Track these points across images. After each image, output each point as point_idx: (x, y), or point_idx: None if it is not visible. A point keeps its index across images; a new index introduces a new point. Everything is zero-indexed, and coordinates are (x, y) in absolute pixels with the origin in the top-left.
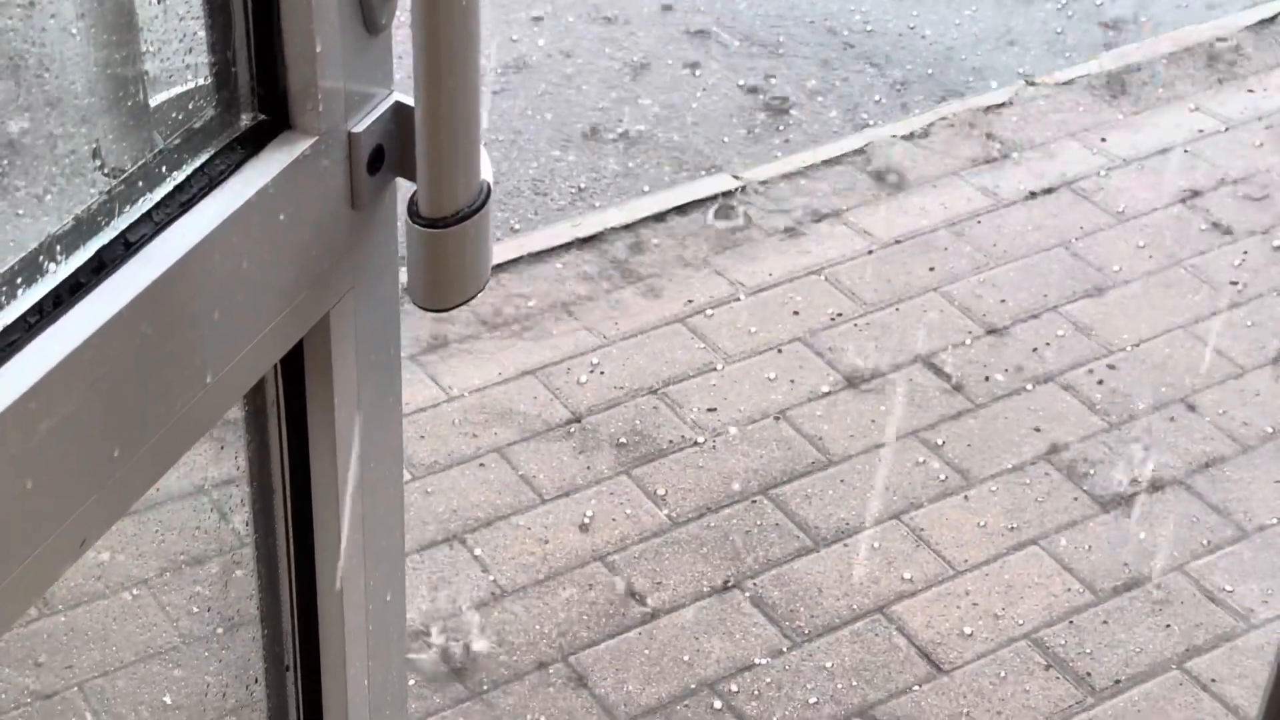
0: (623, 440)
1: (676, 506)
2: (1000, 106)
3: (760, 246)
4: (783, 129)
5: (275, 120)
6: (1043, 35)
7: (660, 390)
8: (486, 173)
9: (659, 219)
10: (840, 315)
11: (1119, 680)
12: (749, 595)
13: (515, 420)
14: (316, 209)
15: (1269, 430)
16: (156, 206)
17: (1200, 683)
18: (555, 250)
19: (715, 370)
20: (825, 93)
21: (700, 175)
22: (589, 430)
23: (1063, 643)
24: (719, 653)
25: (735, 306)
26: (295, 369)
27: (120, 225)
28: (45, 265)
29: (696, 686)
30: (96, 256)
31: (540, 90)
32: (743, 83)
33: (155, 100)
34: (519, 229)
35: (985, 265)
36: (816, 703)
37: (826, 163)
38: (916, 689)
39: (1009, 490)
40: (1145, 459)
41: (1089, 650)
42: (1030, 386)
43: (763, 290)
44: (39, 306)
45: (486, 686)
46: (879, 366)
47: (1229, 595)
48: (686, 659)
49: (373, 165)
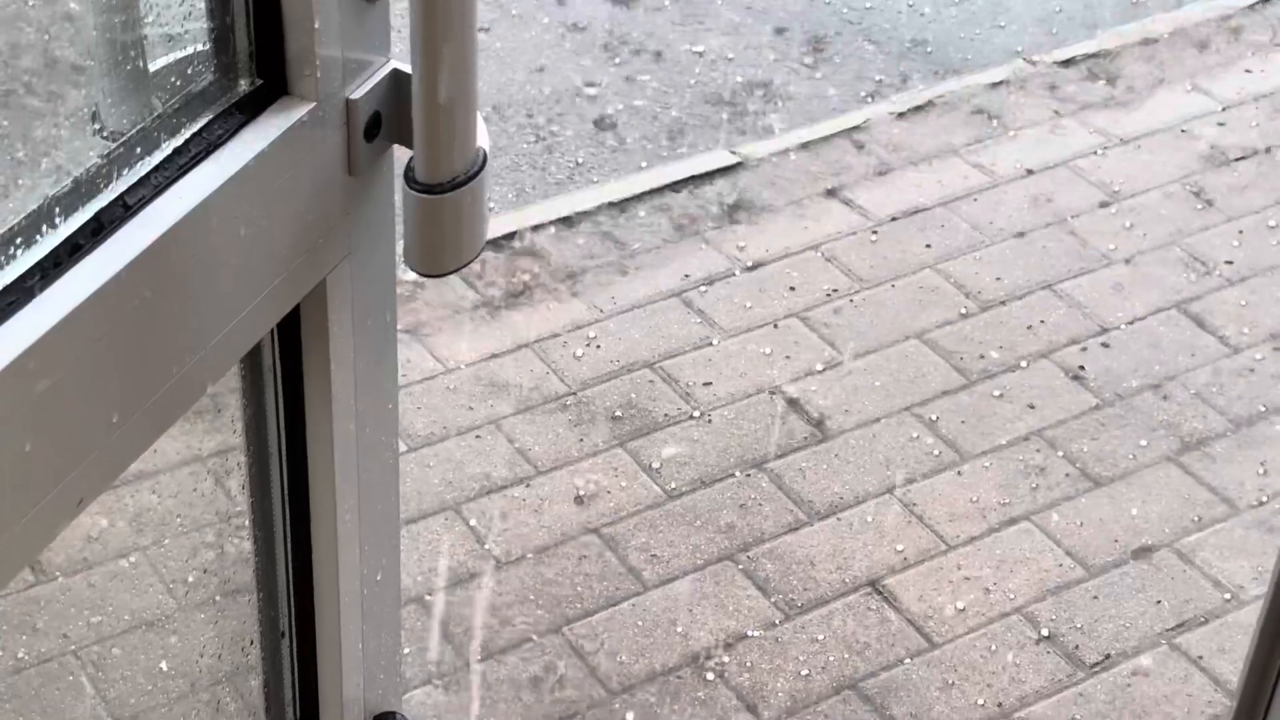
0: (618, 413)
1: (671, 479)
2: (998, 85)
3: (757, 222)
4: (781, 105)
5: (273, 86)
6: (1041, 14)
7: (656, 364)
8: (483, 140)
9: (656, 194)
10: (836, 291)
11: (1109, 655)
12: (742, 568)
13: (511, 393)
14: (313, 175)
15: (1261, 409)
16: (155, 170)
17: (1189, 657)
18: (552, 224)
19: (711, 345)
20: (823, 69)
21: (699, 151)
22: (584, 403)
23: (1053, 617)
24: (712, 624)
25: (731, 282)
26: (292, 334)
27: (119, 188)
28: (44, 227)
29: (689, 657)
30: (95, 219)
31: (539, 64)
32: (742, 59)
33: (154, 65)
34: (516, 202)
35: (981, 243)
36: (808, 674)
37: (824, 139)
38: (908, 662)
39: (1002, 466)
40: (1137, 437)
41: (1079, 625)
42: (1024, 363)
43: (759, 266)
44: (39, 267)
45: (481, 655)
46: (874, 342)
47: (1219, 572)
48: (680, 630)
49: (370, 132)
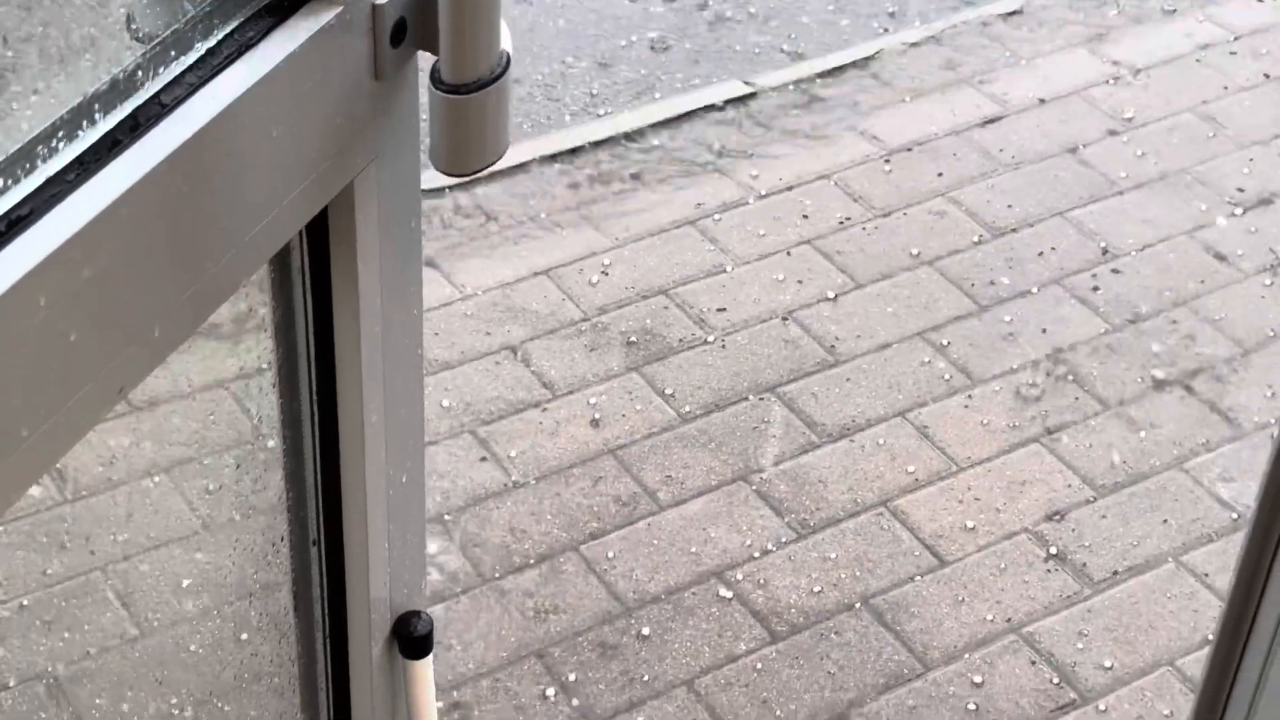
0: (633, 339)
1: (685, 403)
2: (1011, 14)
3: (771, 151)
4: (794, 37)
5: None
6: None
7: (670, 291)
8: (506, 43)
9: (670, 124)
10: (849, 219)
11: (1116, 572)
12: (755, 489)
13: (528, 319)
14: (340, 79)
15: (1269, 334)
16: (188, 70)
17: (1195, 575)
18: (568, 154)
19: (724, 272)
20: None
21: (712, 82)
22: (600, 329)
23: (1062, 537)
24: (726, 543)
25: (745, 210)
26: (320, 237)
27: (154, 87)
28: (84, 123)
29: (703, 575)
30: (133, 116)
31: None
32: None
33: None
34: (531, 132)
35: (993, 171)
36: (820, 591)
37: (838, 70)
38: (918, 579)
39: (1012, 389)
40: (1146, 360)
41: (1087, 544)
42: (1035, 289)
43: (772, 194)
44: (79, 161)
45: (498, 574)
46: (886, 269)
47: (1226, 492)
48: (694, 549)
49: (395, 38)
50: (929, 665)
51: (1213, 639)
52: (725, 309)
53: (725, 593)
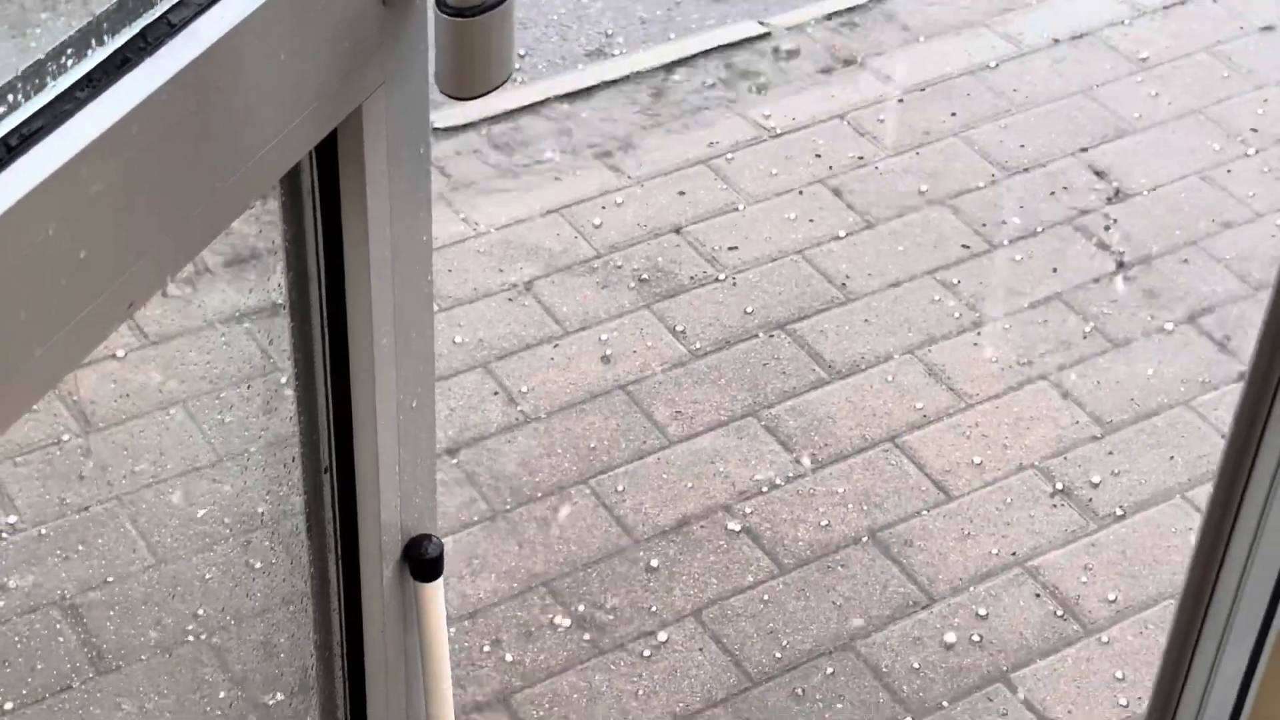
0: (645, 276)
1: (696, 339)
2: None
3: (784, 91)
4: None
5: None
6: None
7: (682, 229)
8: None
9: (684, 63)
10: (862, 159)
11: (1121, 508)
12: (765, 424)
13: (540, 256)
14: (348, 2)
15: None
16: None
17: (1201, 511)
18: (581, 93)
19: (736, 210)
20: None
21: (726, 22)
22: (612, 266)
23: (1068, 473)
24: (735, 476)
25: (758, 149)
26: (330, 161)
27: (163, 7)
28: (93, 41)
29: (712, 508)
30: (141, 34)
31: None
32: None
33: None
34: (545, 72)
35: (1007, 111)
36: (828, 524)
37: (852, 9)
38: (925, 513)
39: (1021, 328)
40: (1156, 299)
41: (1094, 480)
42: (1046, 228)
43: (785, 134)
44: (88, 78)
45: (509, 505)
46: (898, 208)
47: None
48: (703, 483)
49: None
50: (934, 597)
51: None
52: (737, 247)
53: (733, 526)
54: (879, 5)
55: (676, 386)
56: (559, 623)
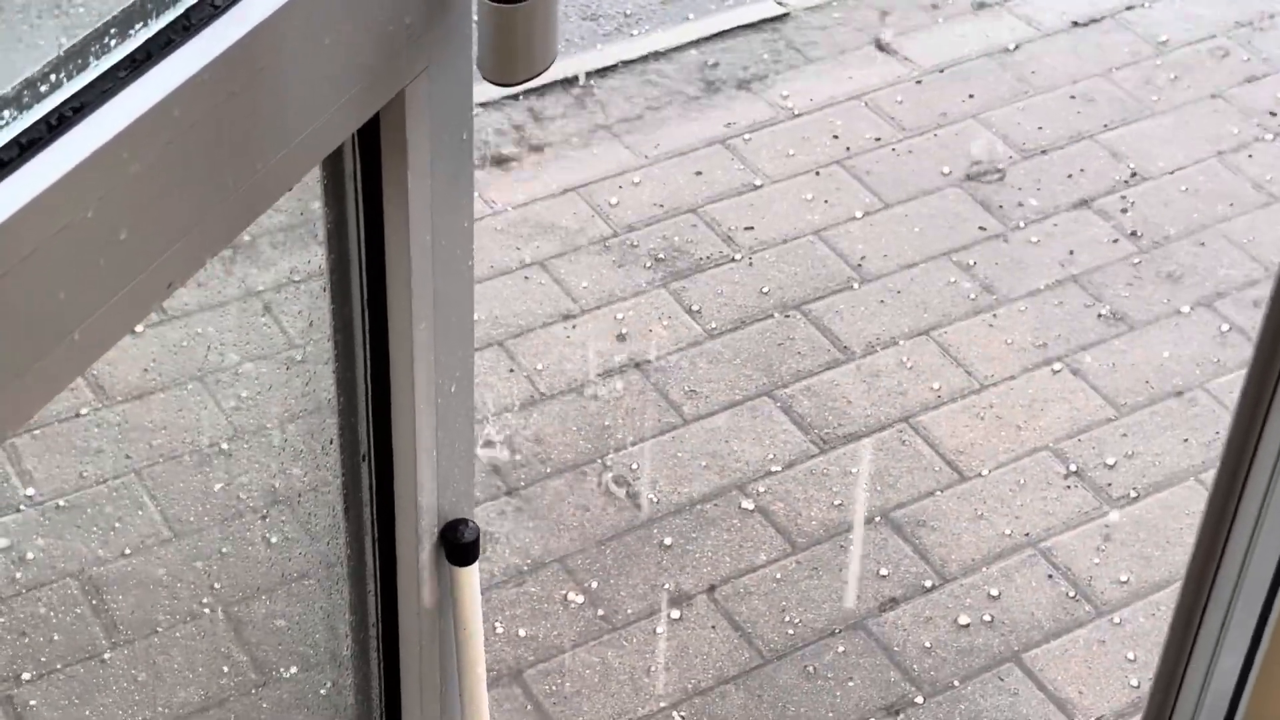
0: (661, 255)
1: (711, 319)
2: None
3: (802, 72)
4: None
5: None
6: None
7: (699, 209)
8: None
9: (703, 44)
10: (879, 140)
11: (1135, 489)
12: (779, 404)
13: (557, 234)
14: None
15: None
16: None
17: None
18: (600, 72)
19: (753, 190)
20: None
21: (745, 2)
22: (628, 245)
23: (1082, 454)
24: (749, 456)
25: (776, 130)
26: (372, 144)
27: None
28: (137, 23)
29: (726, 486)
30: (185, 15)
31: None
32: None
33: None
34: (565, 51)
35: (1025, 93)
36: (841, 504)
37: None
38: (938, 494)
39: (1037, 310)
40: (1173, 282)
41: (1108, 461)
42: (1063, 211)
43: (803, 114)
44: (132, 58)
45: (524, 483)
46: (915, 190)
47: None
48: (718, 462)
49: None
50: (946, 577)
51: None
52: (753, 227)
53: (747, 504)
54: None
55: (691, 366)
56: (572, 599)
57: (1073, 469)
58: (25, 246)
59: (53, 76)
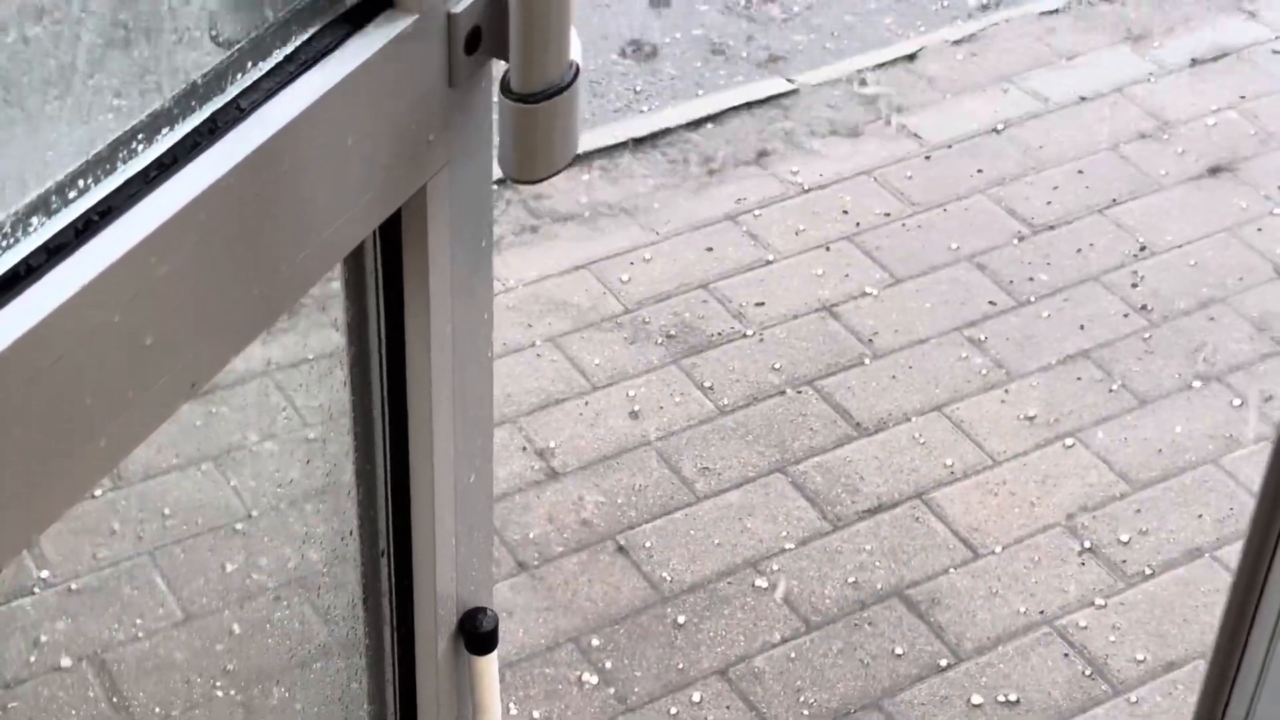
0: (672, 332)
1: (724, 395)
2: (1052, 13)
3: (812, 147)
4: (836, 34)
5: None
6: None
7: (710, 285)
8: (576, 53)
9: (713, 119)
10: (889, 215)
11: (1151, 566)
12: (792, 480)
13: (569, 311)
14: (415, 85)
15: None
16: (266, 76)
17: (1229, 569)
18: (611, 149)
19: (764, 266)
20: None
21: (755, 78)
22: (640, 322)
23: (1096, 531)
24: (762, 534)
25: (786, 205)
26: (393, 238)
27: (233, 92)
28: (164, 127)
29: (739, 565)
30: (211, 119)
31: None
32: None
33: None
34: None
35: (1033, 168)
36: (855, 582)
37: (880, 66)
38: (952, 571)
39: (1049, 385)
40: (1184, 356)
41: (1122, 538)
42: (1074, 285)
43: (813, 190)
44: (159, 161)
45: (537, 562)
46: (925, 265)
47: None
48: (731, 539)
49: (470, 45)
50: (961, 656)
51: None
52: (764, 303)
53: (761, 582)
54: (906, 62)
55: (704, 442)
56: (586, 679)
57: (1087, 545)
58: (53, 353)
59: (80, 181)
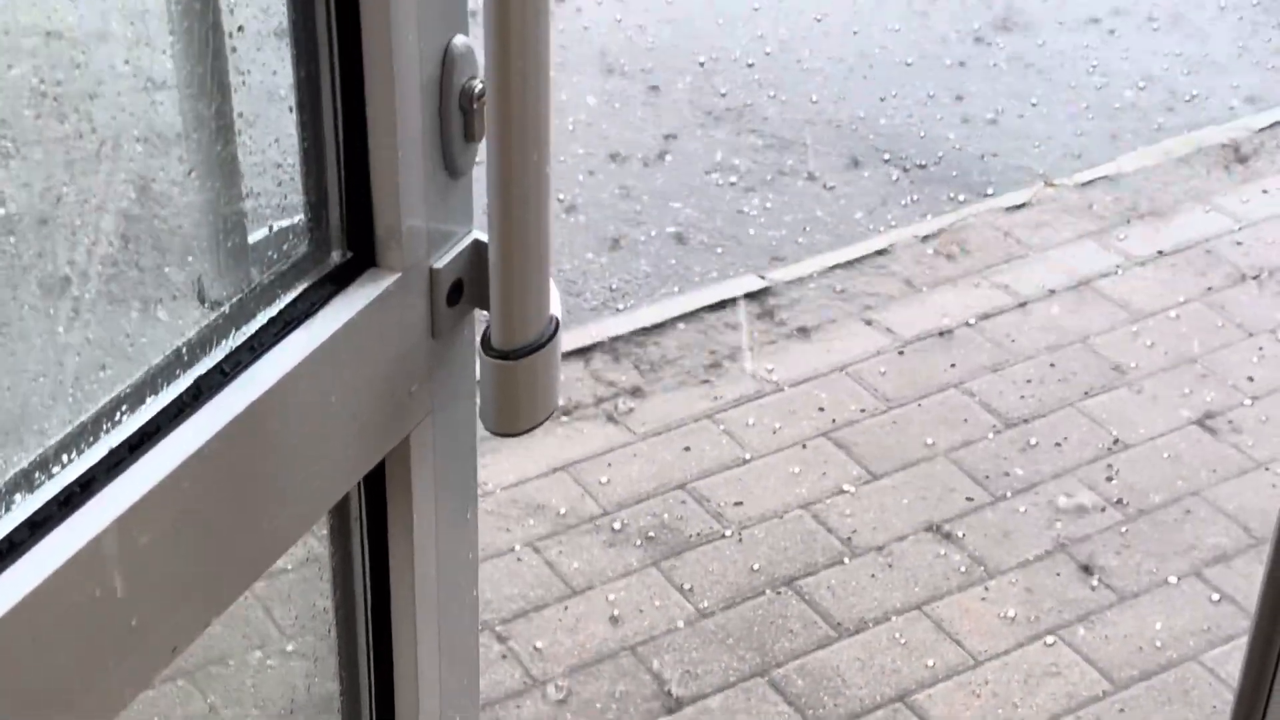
0: (651, 534)
1: (703, 597)
2: (1020, 207)
3: (786, 345)
4: (808, 229)
5: (362, 257)
6: (1062, 138)
7: (688, 485)
8: (555, 307)
9: (688, 318)
10: (864, 411)
11: None
12: (773, 684)
13: (547, 514)
14: (399, 339)
15: None
16: (251, 338)
17: None
18: (588, 349)
19: (741, 465)
20: (850, 192)
21: (728, 276)
22: (618, 524)
23: None
24: None
25: (762, 403)
26: (377, 486)
27: (218, 355)
28: (147, 394)
29: None
30: (195, 385)
31: (585, 202)
32: (770, 179)
33: (254, 238)
34: None
35: (1005, 362)
36: None
37: (851, 263)
38: None
39: (1028, 581)
40: (1160, 551)
41: None
42: (1049, 480)
43: (788, 387)
44: (142, 430)
45: None
46: (901, 461)
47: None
48: None
49: (452, 298)
50: None
51: None
52: (742, 502)
53: None
54: (878, 257)
55: (684, 647)
56: None
57: None
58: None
59: (64, 455)
